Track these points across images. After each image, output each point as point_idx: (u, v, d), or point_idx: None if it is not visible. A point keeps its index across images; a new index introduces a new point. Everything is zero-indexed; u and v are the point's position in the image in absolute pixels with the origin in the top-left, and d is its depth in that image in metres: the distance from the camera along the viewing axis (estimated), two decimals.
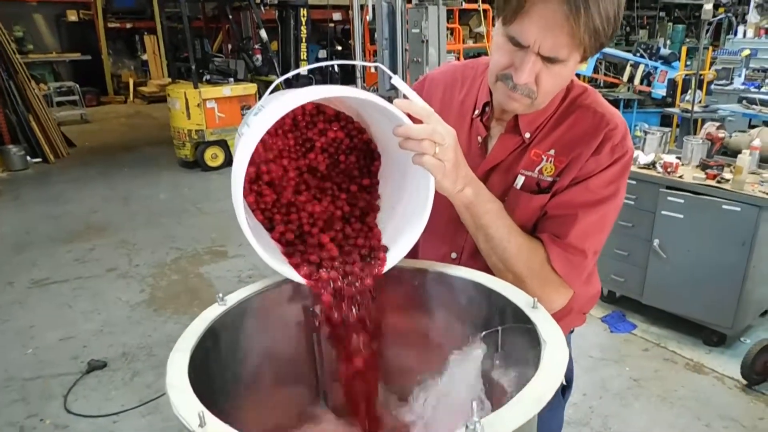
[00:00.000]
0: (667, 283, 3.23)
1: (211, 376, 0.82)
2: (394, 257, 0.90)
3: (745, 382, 2.84)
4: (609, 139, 1.03)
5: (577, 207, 1.03)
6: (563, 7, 0.85)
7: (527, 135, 1.07)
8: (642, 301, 3.38)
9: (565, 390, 1.26)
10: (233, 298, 0.89)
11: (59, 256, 4.71)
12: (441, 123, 0.87)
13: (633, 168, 3.09)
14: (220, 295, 0.88)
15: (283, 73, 7.73)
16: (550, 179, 1.06)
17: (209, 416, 0.62)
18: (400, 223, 0.94)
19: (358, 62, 0.95)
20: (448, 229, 1.11)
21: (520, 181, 1.07)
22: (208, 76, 7.36)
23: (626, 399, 2.80)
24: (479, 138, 1.12)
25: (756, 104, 5.39)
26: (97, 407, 2.83)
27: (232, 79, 7.43)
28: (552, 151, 1.06)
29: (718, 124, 3.67)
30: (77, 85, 11.10)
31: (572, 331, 1.27)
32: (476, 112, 1.12)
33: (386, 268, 0.90)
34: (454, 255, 1.15)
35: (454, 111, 1.15)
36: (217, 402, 0.82)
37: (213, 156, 7.26)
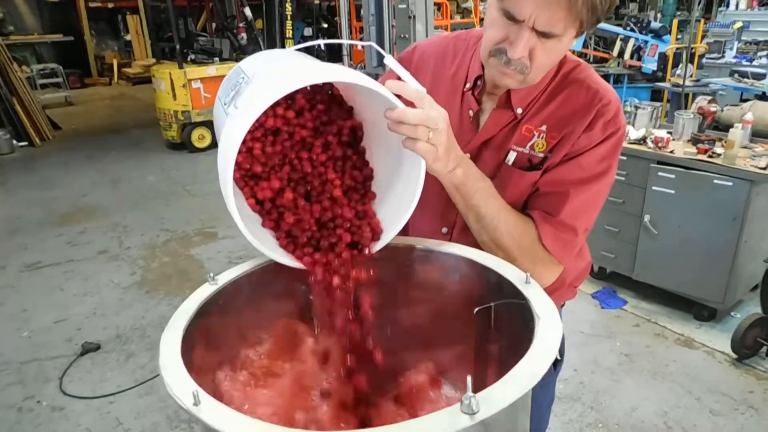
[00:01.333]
0: (658, 258, 3.25)
1: (204, 355, 0.81)
2: (384, 238, 0.90)
3: (735, 356, 2.87)
4: (602, 115, 1.02)
5: (569, 184, 1.02)
6: None
7: (519, 110, 1.06)
8: (632, 277, 3.40)
9: (556, 364, 1.27)
10: (224, 278, 0.88)
11: (50, 239, 4.68)
12: (434, 107, 0.86)
13: (623, 143, 3.09)
14: (211, 274, 0.87)
15: None
16: (541, 155, 1.05)
17: (203, 395, 0.61)
18: (390, 203, 0.93)
19: (351, 41, 0.93)
20: (439, 205, 1.10)
21: (511, 157, 1.06)
22: (192, 56, 7.23)
23: (617, 374, 2.84)
24: (471, 112, 1.10)
25: (748, 77, 5.36)
26: (93, 389, 2.84)
27: (217, 59, 7.31)
28: (544, 127, 1.05)
29: (709, 98, 3.64)
30: (60, 67, 10.86)
31: (563, 305, 1.28)
32: (468, 85, 1.10)
33: (376, 249, 0.89)
34: (445, 230, 1.15)
35: (445, 83, 1.14)
36: (212, 381, 0.82)
37: (200, 137, 7.18)
